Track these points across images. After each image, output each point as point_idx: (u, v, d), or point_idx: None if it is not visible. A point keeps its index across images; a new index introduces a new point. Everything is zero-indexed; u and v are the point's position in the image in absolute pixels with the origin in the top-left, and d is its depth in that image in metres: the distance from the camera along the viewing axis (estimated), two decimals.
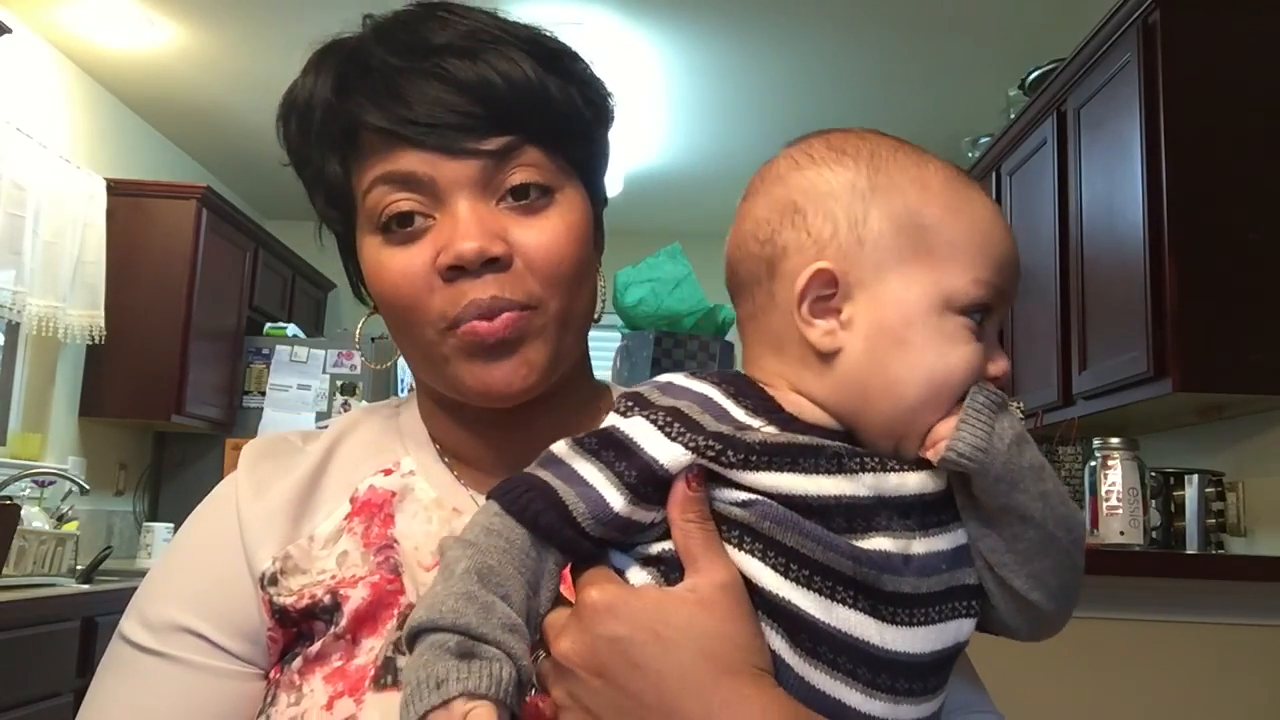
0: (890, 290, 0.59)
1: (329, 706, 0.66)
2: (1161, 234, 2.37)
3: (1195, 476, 2.53)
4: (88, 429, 4.07)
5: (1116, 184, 2.59)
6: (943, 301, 0.59)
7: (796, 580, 0.56)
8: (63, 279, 3.65)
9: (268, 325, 4.76)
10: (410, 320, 0.71)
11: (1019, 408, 2.22)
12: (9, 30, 3.10)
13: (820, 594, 0.55)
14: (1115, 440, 2.17)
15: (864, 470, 0.57)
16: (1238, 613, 1.90)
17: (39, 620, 2.64)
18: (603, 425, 0.60)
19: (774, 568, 0.56)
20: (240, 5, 3.52)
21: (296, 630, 0.71)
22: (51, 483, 3.59)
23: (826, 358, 0.59)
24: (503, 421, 0.74)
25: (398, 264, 0.70)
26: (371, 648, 0.68)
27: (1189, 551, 2.48)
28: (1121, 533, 2.09)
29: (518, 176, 0.70)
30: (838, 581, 0.56)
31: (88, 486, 3.55)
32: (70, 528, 3.42)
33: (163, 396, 4.07)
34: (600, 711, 0.55)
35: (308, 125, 0.75)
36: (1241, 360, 2.31)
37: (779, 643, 0.56)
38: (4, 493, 3.16)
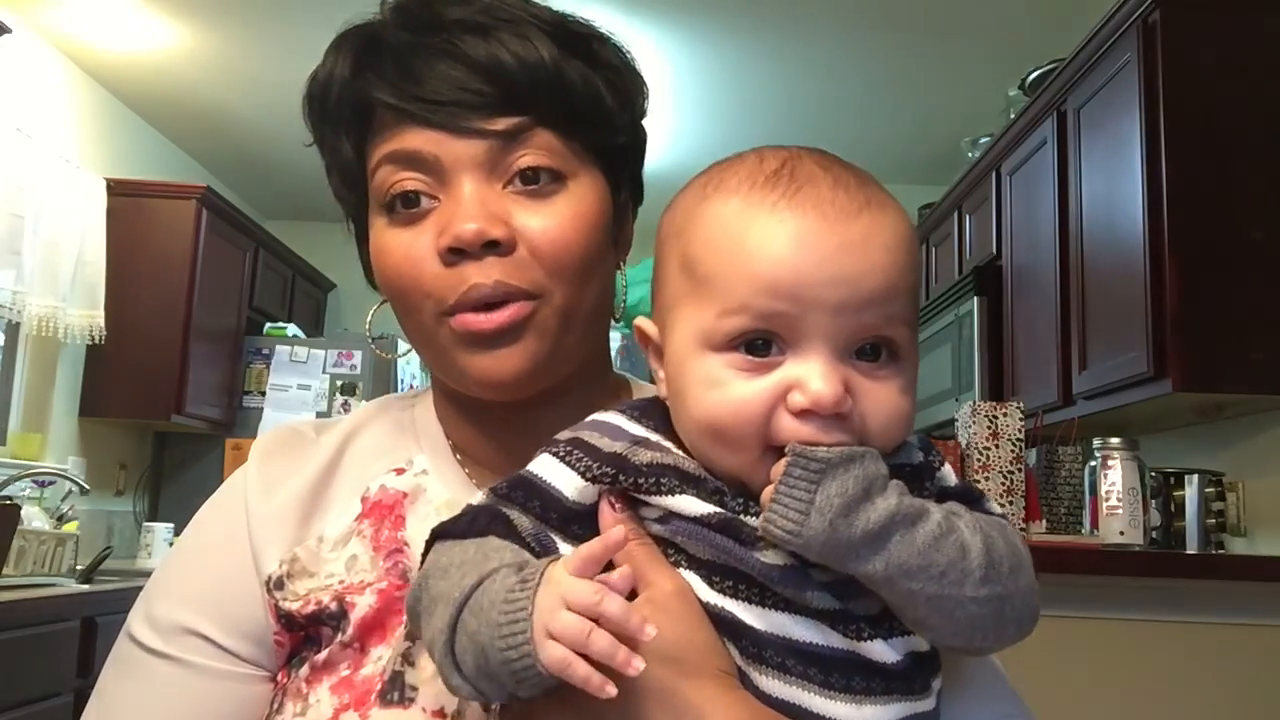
0: (673, 336, 0.59)
1: (334, 719, 0.66)
2: (1161, 234, 2.36)
3: (1195, 476, 2.53)
4: (88, 429, 4.07)
5: (1116, 184, 2.59)
6: (699, 341, 0.56)
7: (723, 591, 0.55)
8: (63, 279, 3.65)
9: (268, 325, 4.76)
10: (411, 304, 0.70)
11: (1018, 408, 2.22)
12: (9, 30, 3.10)
13: (749, 601, 0.55)
14: (1115, 440, 2.17)
15: (747, 513, 0.56)
16: (1238, 613, 1.90)
17: (39, 620, 2.64)
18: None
19: (703, 579, 0.56)
20: (240, 6, 3.51)
21: (304, 634, 0.70)
22: (51, 483, 3.59)
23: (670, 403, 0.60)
24: (515, 420, 0.72)
25: (401, 245, 0.69)
26: (380, 656, 0.67)
27: (1189, 551, 2.48)
28: (1121, 533, 2.09)
29: (527, 159, 0.68)
30: (762, 588, 0.55)
31: (88, 486, 3.55)
32: (70, 528, 3.42)
33: (163, 396, 4.07)
34: None
35: (324, 105, 0.73)
36: (1241, 360, 2.31)
37: (729, 651, 0.55)
38: (4, 493, 3.16)
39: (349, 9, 0.75)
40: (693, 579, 0.56)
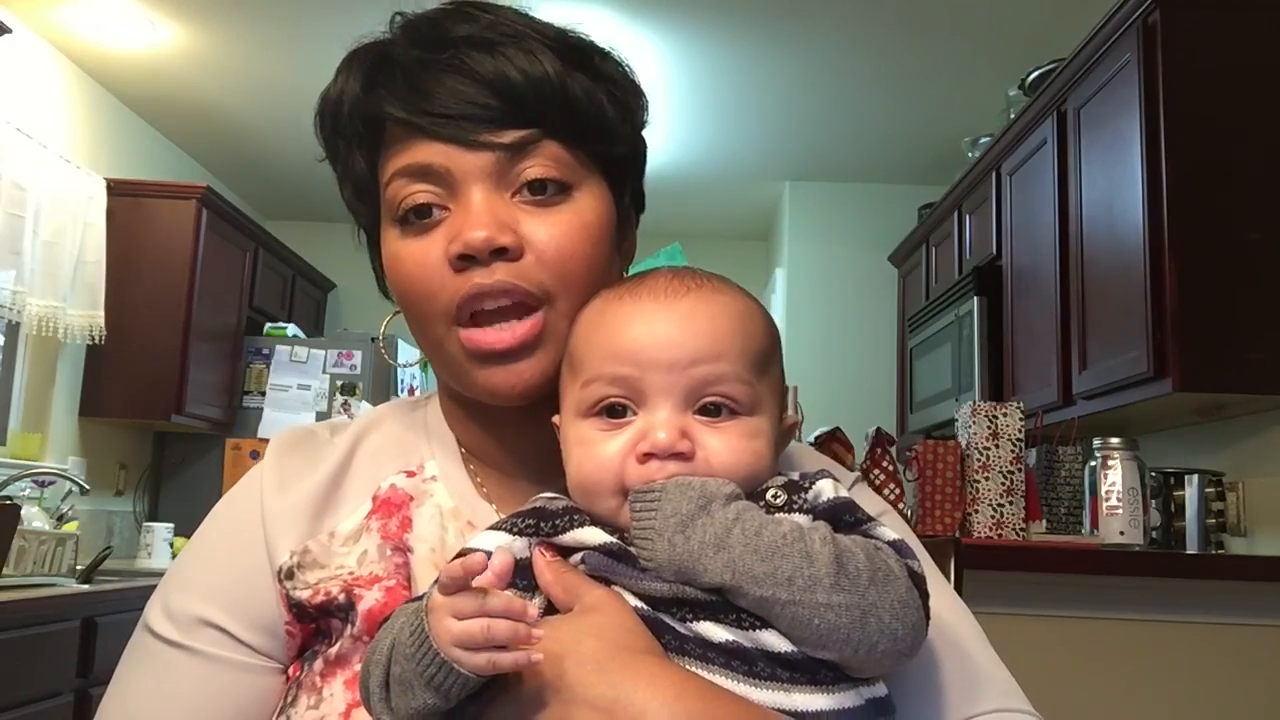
0: (562, 415, 0.69)
1: (347, 715, 0.67)
2: (1161, 234, 2.36)
3: (1195, 476, 2.53)
4: (88, 429, 4.07)
5: (1116, 184, 2.59)
6: (574, 412, 0.67)
7: (644, 601, 0.61)
8: (63, 279, 3.65)
9: (268, 325, 4.76)
10: (424, 312, 0.72)
11: (1018, 408, 2.22)
12: (9, 30, 3.10)
13: (667, 614, 0.60)
14: (1115, 440, 2.17)
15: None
16: (1238, 613, 1.90)
17: (39, 620, 2.64)
18: None
19: (626, 593, 0.62)
20: (240, 5, 3.51)
21: (315, 626, 0.72)
22: (51, 483, 3.59)
23: None
24: (526, 423, 0.75)
25: (413, 254, 0.71)
26: None
27: (1189, 551, 2.48)
28: (1121, 533, 2.09)
29: (534, 170, 0.71)
30: (672, 604, 0.60)
31: (88, 486, 3.55)
32: (70, 528, 3.42)
33: (163, 396, 4.07)
34: None
35: (336, 121, 0.76)
36: (1241, 360, 2.31)
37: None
38: (4, 493, 3.16)
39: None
40: (625, 593, 0.62)
